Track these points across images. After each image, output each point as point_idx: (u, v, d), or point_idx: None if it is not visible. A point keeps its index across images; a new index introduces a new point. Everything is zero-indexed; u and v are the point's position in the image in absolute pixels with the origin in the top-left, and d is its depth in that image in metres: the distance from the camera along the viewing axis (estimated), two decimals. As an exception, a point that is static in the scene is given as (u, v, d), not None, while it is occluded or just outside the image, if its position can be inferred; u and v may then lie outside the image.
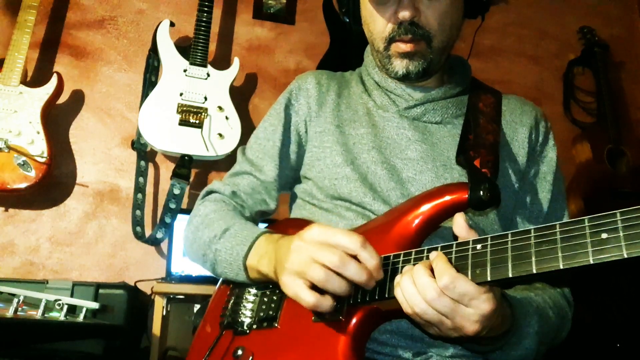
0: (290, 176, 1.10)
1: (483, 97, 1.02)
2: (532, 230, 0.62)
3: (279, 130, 1.08)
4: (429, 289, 0.64)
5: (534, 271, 0.60)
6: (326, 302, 0.71)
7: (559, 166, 1.04)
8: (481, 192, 0.77)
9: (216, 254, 0.93)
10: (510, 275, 0.62)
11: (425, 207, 0.79)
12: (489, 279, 0.63)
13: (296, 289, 0.73)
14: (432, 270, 0.67)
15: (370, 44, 1.05)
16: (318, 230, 0.73)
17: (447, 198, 0.79)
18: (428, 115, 1.01)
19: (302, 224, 0.88)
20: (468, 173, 0.87)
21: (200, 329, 0.98)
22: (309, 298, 0.71)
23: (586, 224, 0.58)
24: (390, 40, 0.97)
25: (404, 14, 0.93)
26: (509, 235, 0.64)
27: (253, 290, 0.91)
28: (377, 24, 0.98)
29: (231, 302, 0.92)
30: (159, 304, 1.98)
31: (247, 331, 0.85)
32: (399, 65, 0.98)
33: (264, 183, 1.07)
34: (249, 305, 0.88)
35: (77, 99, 2.41)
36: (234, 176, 1.10)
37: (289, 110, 1.10)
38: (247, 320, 0.86)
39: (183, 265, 2.11)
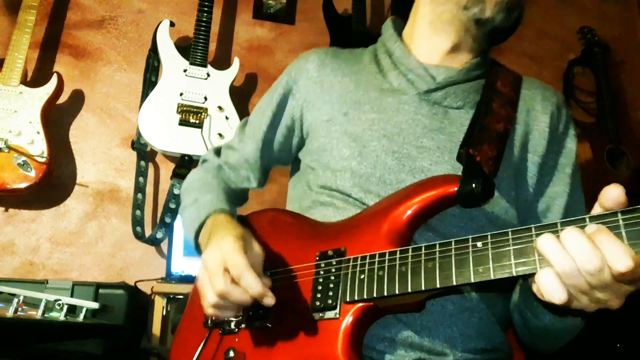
0: (276, 158, 1.09)
1: (502, 75, 0.96)
2: (533, 228, 0.61)
3: (269, 111, 1.05)
4: (591, 259, 0.55)
5: (539, 269, 0.59)
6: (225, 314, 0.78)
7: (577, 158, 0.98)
8: (474, 185, 0.74)
9: (185, 221, 1.01)
10: (515, 274, 0.61)
11: (414, 200, 0.77)
12: (492, 277, 0.62)
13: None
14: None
15: None
16: (214, 257, 0.77)
17: (435, 191, 0.76)
18: (449, 99, 0.93)
19: (279, 218, 0.96)
20: (465, 166, 0.83)
21: (182, 327, 0.95)
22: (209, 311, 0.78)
23: (587, 222, 0.58)
24: None
25: None
26: (510, 233, 0.63)
27: None
28: None
29: None
30: (159, 304, 1.98)
31: (236, 330, 0.83)
32: (495, 7, 0.89)
33: (248, 162, 1.08)
34: None
35: (77, 99, 2.41)
36: (228, 149, 1.12)
37: (285, 92, 1.05)
38: (234, 320, 0.84)
39: (183, 265, 2.11)
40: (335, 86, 0.99)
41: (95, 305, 1.66)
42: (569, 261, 0.56)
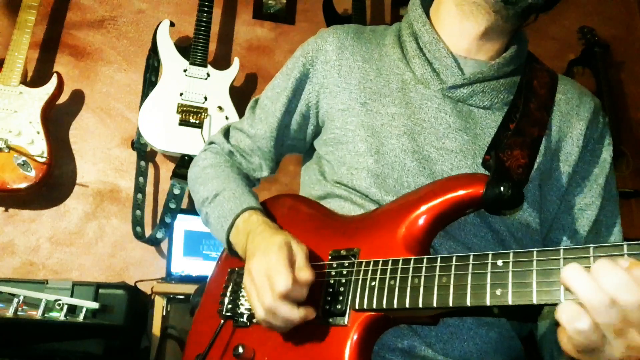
0: (290, 146, 1.02)
1: (539, 74, 0.89)
2: (562, 251, 0.55)
3: (284, 96, 0.96)
4: (629, 288, 0.48)
5: (563, 300, 0.52)
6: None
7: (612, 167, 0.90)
8: (502, 189, 0.66)
9: (207, 217, 0.94)
10: (535, 302, 0.54)
11: (433, 203, 0.71)
12: (509, 302, 0.56)
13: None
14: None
15: None
16: (260, 272, 0.73)
17: (458, 193, 0.69)
18: (476, 97, 0.85)
19: (295, 207, 0.91)
20: (494, 168, 0.75)
21: (200, 314, 0.95)
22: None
23: (625, 251, 0.52)
24: None
25: None
26: (535, 253, 0.56)
27: None
28: None
29: (229, 288, 0.88)
30: (159, 304, 1.98)
31: (248, 324, 0.82)
32: None
33: (261, 149, 1.01)
34: None
35: (77, 99, 2.41)
36: (237, 132, 1.04)
37: (302, 75, 0.95)
38: (247, 313, 0.83)
39: (183, 265, 2.11)
40: (354, 72, 0.91)
41: (95, 305, 1.66)
42: (598, 293, 0.49)
